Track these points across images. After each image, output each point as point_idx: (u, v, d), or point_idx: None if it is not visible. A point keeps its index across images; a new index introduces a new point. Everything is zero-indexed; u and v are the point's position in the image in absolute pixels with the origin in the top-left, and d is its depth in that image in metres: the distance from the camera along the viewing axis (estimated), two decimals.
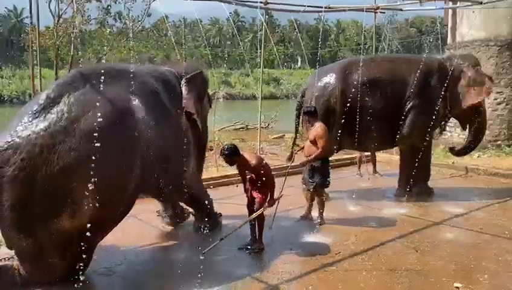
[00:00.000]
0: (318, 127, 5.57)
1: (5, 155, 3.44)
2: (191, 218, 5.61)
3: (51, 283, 3.74)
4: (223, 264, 4.54)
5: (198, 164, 5.34)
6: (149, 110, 4.06)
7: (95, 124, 3.42)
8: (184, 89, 4.64)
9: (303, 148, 5.88)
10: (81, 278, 3.63)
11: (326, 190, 6.06)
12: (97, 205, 3.50)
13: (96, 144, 3.34)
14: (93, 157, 3.33)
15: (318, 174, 5.62)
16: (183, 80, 4.66)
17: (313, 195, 5.80)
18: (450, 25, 11.94)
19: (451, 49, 11.39)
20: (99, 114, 3.49)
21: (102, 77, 3.69)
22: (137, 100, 4.00)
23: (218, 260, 4.62)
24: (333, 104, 6.63)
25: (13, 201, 3.44)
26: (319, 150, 5.46)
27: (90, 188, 3.36)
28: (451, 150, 7.68)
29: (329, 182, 5.71)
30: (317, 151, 5.47)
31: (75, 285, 3.63)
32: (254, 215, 4.68)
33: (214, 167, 8.60)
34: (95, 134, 3.37)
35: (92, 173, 3.32)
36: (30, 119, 3.54)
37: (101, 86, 3.68)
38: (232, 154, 4.58)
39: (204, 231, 4.90)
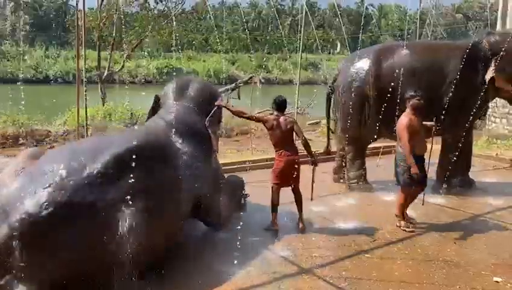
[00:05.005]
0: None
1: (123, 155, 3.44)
2: None
3: None
4: (256, 246, 4.59)
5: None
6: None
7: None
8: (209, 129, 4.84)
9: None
10: None
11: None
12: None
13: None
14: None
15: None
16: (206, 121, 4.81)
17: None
18: (500, 9, 11.38)
19: None
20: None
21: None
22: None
23: (252, 242, 4.68)
24: (367, 90, 6.50)
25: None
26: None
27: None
28: None
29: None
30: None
31: None
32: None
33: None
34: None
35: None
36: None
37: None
38: (285, 103, 5.19)
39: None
